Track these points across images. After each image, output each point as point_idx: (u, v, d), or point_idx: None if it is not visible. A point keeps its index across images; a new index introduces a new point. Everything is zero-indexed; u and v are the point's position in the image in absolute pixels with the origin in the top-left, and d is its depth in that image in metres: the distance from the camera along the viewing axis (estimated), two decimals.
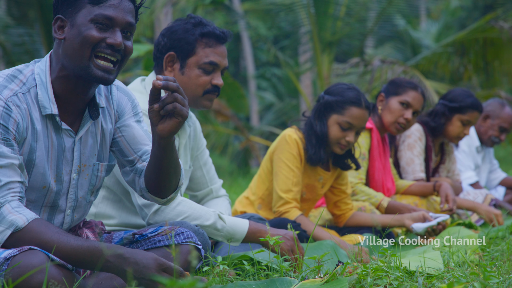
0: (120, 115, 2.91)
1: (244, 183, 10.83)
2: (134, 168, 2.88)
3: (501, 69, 11.46)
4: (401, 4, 12.70)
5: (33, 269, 2.36)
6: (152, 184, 2.82)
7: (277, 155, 4.44)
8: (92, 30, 2.62)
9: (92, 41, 2.62)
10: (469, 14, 23.32)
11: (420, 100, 5.22)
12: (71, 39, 2.64)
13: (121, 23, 2.66)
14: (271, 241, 3.22)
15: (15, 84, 2.63)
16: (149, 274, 2.43)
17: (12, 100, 2.58)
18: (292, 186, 4.38)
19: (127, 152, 2.89)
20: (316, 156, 4.41)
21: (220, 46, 3.74)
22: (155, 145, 2.65)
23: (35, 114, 2.64)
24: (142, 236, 2.97)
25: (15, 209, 2.50)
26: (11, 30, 12.50)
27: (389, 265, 3.01)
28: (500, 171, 7.15)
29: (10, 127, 2.56)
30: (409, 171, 5.69)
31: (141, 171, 2.87)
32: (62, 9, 2.67)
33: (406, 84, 5.24)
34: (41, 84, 2.67)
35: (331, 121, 4.40)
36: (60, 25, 2.67)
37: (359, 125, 4.37)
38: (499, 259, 3.49)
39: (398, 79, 5.35)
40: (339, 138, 4.37)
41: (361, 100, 4.36)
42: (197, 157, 4.00)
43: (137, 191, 2.91)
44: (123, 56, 2.69)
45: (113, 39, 2.63)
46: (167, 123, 2.55)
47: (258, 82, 23.48)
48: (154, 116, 2.56)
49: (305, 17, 12.25)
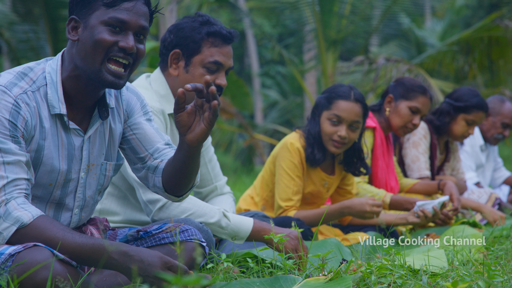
0: (129, 115, 2.92)
1: (248, 180, 10.83)
2: (146, 165, 2.90)
3: (506, 67, 11.45)
4: (406, 3, 12.70)
5: (38, 265, 2.36)
6: (171, 185, 2.85)
7: (279, 163, 4.44)
8: (104, 33, 2.62)
9: (105, 45, 2.62)
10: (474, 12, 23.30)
11: (429, 105, 5.22)
12: (84, 41, 2.64)
13: (134, 27, 2.66)
14: (275, 239, 3.22)
15: (25, 82, 2.63)
16: (154, 271, 2.44)
17: (21, 98, 2.59)
18: (292, 195, 4.39)
19: (138, 150, 2.91)
20: (313, 156, 4.40)
21: (226, 46, 3.74)
22: (181, 152, 2.67)
23: (44, 113, 2.65)
24: (146, 233, 2.97)
25: (21, 205, 2.51)
26: (16, 26, 12.52)
27: (393, 263, 3.01)
28: (504, 169, 7.15)
29: (19, 124, 2.56)
30: (415, 168, 5.68)
31: (154, 168, 2.89)
32: (76, 9, 2.67)
33: (417, 88, 5.19)
34: (51, 83, 2.67)
35: (322, 119, 4.40)
36: (74, 25, 2.67)
37: (348, 118, 4.34)
38: (503, 258, 3.49)
39: (407, 81, 5.29)
40: (331, 134, 4.36)
41: (350, 94, 4.34)
42: (202, 154, 4.00)
43: (150, 187, 2.94)
44: (135, 59, 2.70)
45: (126, 42, 2.64)
46: (196, 132, 2.59)
47: (262, 80, 23.49)
48: (182, 126, 2.59)
49: (310, 15, 12.26)
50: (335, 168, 4.60)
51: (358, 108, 4.34)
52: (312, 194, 4.56)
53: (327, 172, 4.57)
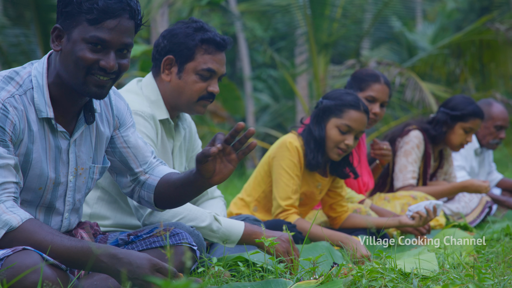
0: (121, 122, 2.93)
1: (239, 184, 10.82)
2: (137, 180, 2.94)
3: (497, 71, 11.47)
4: (397, 6, 12.72)
5: (27, 270, 2.36)
6: (165, 204, 2.94)
7: (278, 162, 4.44)
8: (85, 51, 2.59)
9: (85, 64, 2.59)
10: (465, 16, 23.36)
11: (385, 91, 5.16)
12: (66, 54, 2.62)
13: (116, 45, 2.62)
14: (266, 243, 3.22)
15: (12, 86, 2.62)
16: (143, 274, 2.43)
17: (9, 102, 2.58)
18: (291, 194, 4.39)
19: (132, 163, 2.95)
20: (315, 161, 4.41)
21: (219, 53, 3.73)
22: (196, 186, 2.74)
23: (31, 116, 2.64)
24: (137, 237, 2.97)
25: (10, 209, 2.50)
26: (7, 30, 12.48)
27: (384, 266, 3.01)
28: (497, 172, 7.15)
29: (7, 128, 2.55)
30: (400, 177, 5.69)
31: (142, 183, 2.94)
32: (61, 19, 2.64)
33: (368, 78, 5.16)
34: (37, 86, 2.66)
35: (330, 125, 4.39)
36: (58, 34, 2.65)
37: (358, 128, 4.37)
38: (494, 261, 3.49)
39: (359, 73, 5.26)
40: (338, 142, 4.37)
41: (360, 104, 4.36)
42: (192, 158, 4.00)
43: (134, 198, 2.98)
44: (117, 74, 2.68)
45: (106, 62, 2.60)
46: (224, 174, 2.66)
47: (254, 84, 23.49)
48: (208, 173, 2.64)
49: (301, 19, 12.27)
50: (327, 171, 4.61)
51: (366, 119, 4.39)
52: (306, 195, 4.57)
53: (321, 174, 4.57)
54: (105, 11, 2.58)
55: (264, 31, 21.51)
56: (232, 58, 25.50)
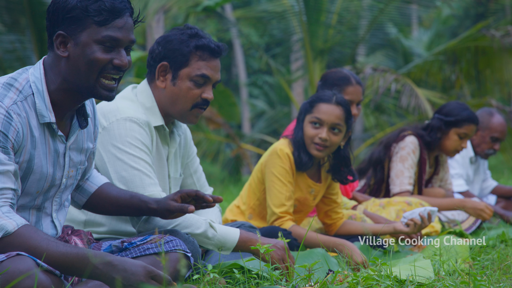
0: (96, 136, 3.04)
1: (235, 190, 10.82)
2: (79, 185, 3.11)
3: (492, 77, 11.49)
4: (393, 13, 12.75)
5: (21, 275, 2.35)
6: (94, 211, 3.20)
7: (269, 169, 4.45)
8: (98, 52, 2.66)
9: (100, 64, 2.67)
10: (460, 22, 23.43)
11: (359, 91, 5.15)
12: (76, 58, 2.67)
13: (126, 43, 2.72)
14: (261, 250, 3.21)
15: (13, 93, 2.64)
16: (138, 281, 2.43)
17: (13, 109, 2.61)
18: (285, 201, 4.39)
19: (87, 172, 3.12)
20: (299, 159, 4.42)
21: (214, 60, 3.73)
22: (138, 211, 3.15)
23: (33, 122, 2.67)
24: (131, 244, 2.97)
25: (6, 214, 2.51)
26: (2, 36, 12.47)
27: (380, 273, 3.01)
28: (492, 180, 7.16)
29: (10, 135, 2.57)
30: (397, 183, 5.68)
31: (81, 188, 3.12)
32: (63, 25, 2.68)
33: (340, 81, 5.14)
34: (37, 92, 2.68)
35: (305, 123, 4.44)
36: (62, 41, 2.68)
37: (329, 120, 4.37)
38: (489, 268, 3.49)
39: (330, 77, 5.22)
40: (312, 137, 4.39)
41: (331, 98, 4.39)
42: (187, 164, 3.99)
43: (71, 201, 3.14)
44: (125, 71, 2.78)
45: (120, 60, 2.70)
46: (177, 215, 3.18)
47: (249, 90, 23.52)
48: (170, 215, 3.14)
49: (297, 25, 12.29)
50: (321, 176, 4.61)
51: (339, 111, 4.38)
52: (300, 201, 4.56)
53: (314, 179, 4.57)
54: (112, 11, 2.67)
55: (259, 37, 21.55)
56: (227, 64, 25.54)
